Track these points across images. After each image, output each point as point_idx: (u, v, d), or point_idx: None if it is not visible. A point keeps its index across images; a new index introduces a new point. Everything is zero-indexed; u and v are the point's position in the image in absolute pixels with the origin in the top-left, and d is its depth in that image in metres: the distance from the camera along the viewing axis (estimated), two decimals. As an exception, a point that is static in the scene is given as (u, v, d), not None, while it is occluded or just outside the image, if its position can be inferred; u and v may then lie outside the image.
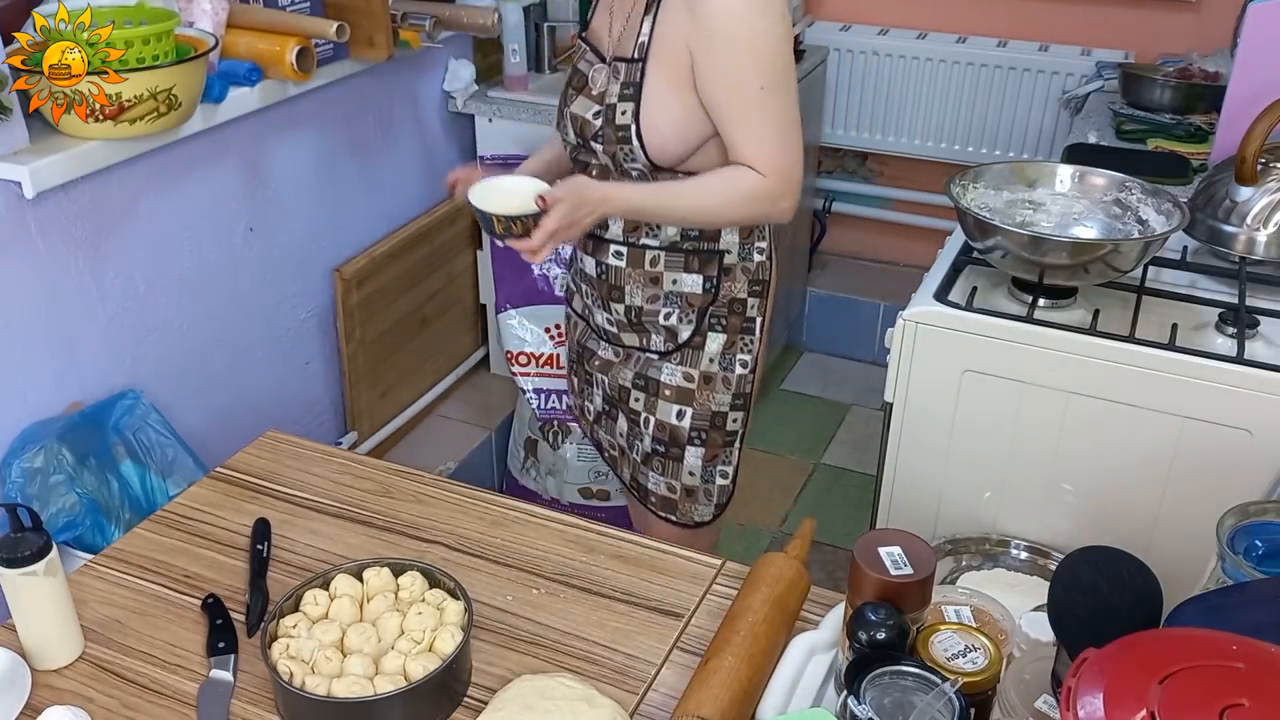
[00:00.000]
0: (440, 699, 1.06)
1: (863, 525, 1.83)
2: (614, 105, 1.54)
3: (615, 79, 1.55)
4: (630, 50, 1.54)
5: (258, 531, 1.30)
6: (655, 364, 1.72)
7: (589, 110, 1.58)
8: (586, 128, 1.58)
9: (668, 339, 1.70)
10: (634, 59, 1.53)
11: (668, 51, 1.50)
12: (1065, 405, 1.61)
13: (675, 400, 1.71)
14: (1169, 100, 2.48)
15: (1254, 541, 1.11)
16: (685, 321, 1.68)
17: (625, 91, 1.54)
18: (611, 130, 1.55)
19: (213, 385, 2.15)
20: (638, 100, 1.52)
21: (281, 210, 2.24)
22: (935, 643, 0.97)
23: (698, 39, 1.47)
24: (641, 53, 1.52)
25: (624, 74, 1.54)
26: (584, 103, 1.60)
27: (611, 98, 1.55)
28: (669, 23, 1.49)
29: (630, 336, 1.73)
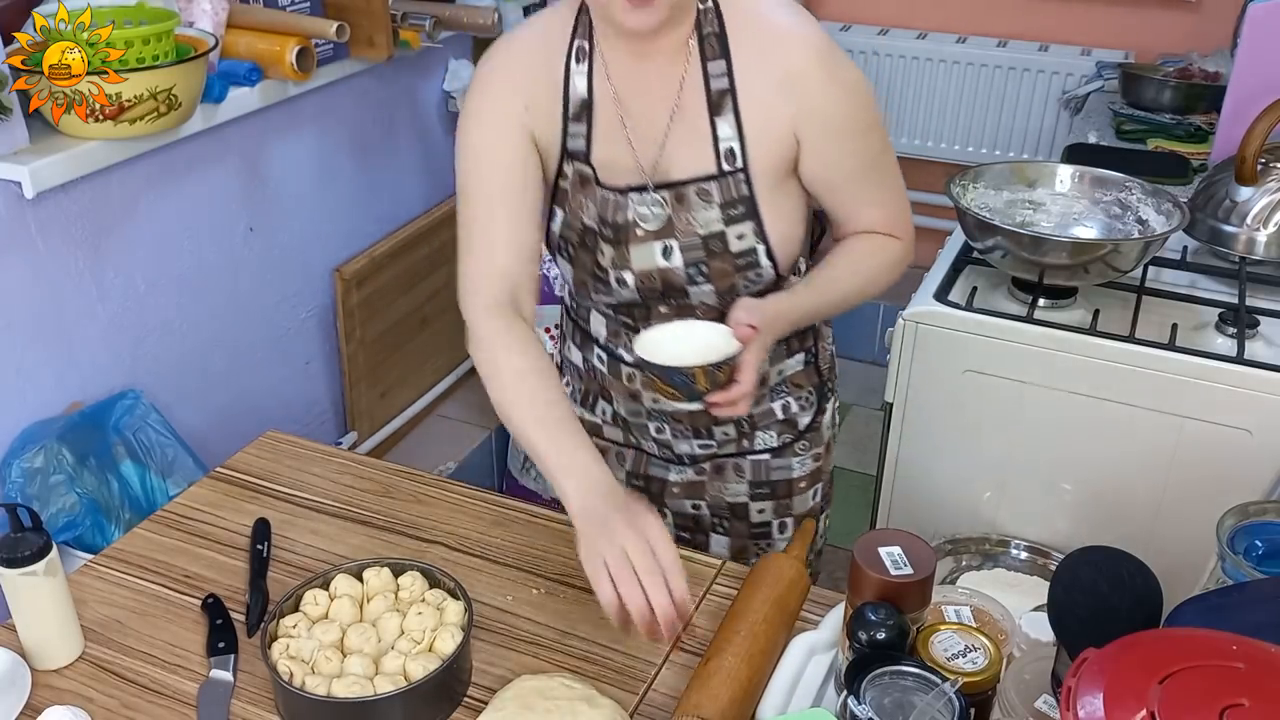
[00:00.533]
0: (440, 699, 1.06)
1: (863, 525, 1.83)
2: (720, 233, 1.26)
3: (706, 203, 1.25)
4: (710, 163, 1.25)
5: (258, 531, 1.30)
6: (774, 464, 1.47)
7: (663, 255, 1.28)
8: (672, 275, 1.28)
9: (784, 431, 1.46)
10: (728, 171, 1.24)
11: (768, 146, 1.24)
12: (1065, 405, 1.61)
13: (809, 485, 1.50)
14: (1169, 100, 2.48)
15: (1254, 541, 1.11)
16: (805, 407, 1.46)
17: (733, 212, 1.25)
18: (726, 262, 1.27)
19: (213, 385, 2.15)
20: (756, 215, 1.26)
21: (281, 210, 2.24)
22: (935, 643, 0.97)
23: (810, 120, 1.23)
24: (738, 159, 1.24)
25: (719, 193, 1.25)
26: (647, 250, 1.28)
27: (709, 225, 1.26)
28: (760, 113, 1.23)
29: (729, 446, 1.46)
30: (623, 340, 1.39)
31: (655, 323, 1.33)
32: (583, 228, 1.31)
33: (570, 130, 1.28)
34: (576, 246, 1.32)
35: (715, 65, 1.23)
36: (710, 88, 1.23)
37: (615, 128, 1.27)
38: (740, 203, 1.25)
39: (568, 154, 1.29)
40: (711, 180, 1.25)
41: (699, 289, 1.29)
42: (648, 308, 1.34)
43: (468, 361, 3.09)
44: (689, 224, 1.26)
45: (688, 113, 1.24)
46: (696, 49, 1.23)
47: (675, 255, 1.27)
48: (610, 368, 1.43)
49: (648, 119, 1.26)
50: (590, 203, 1.29)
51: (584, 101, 1.27)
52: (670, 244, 1.27)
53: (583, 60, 1.27)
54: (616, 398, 1.45)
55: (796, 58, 1.22)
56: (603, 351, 1.43)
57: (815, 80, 1.22)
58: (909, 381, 1.71)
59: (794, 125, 1.23)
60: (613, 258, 1.29)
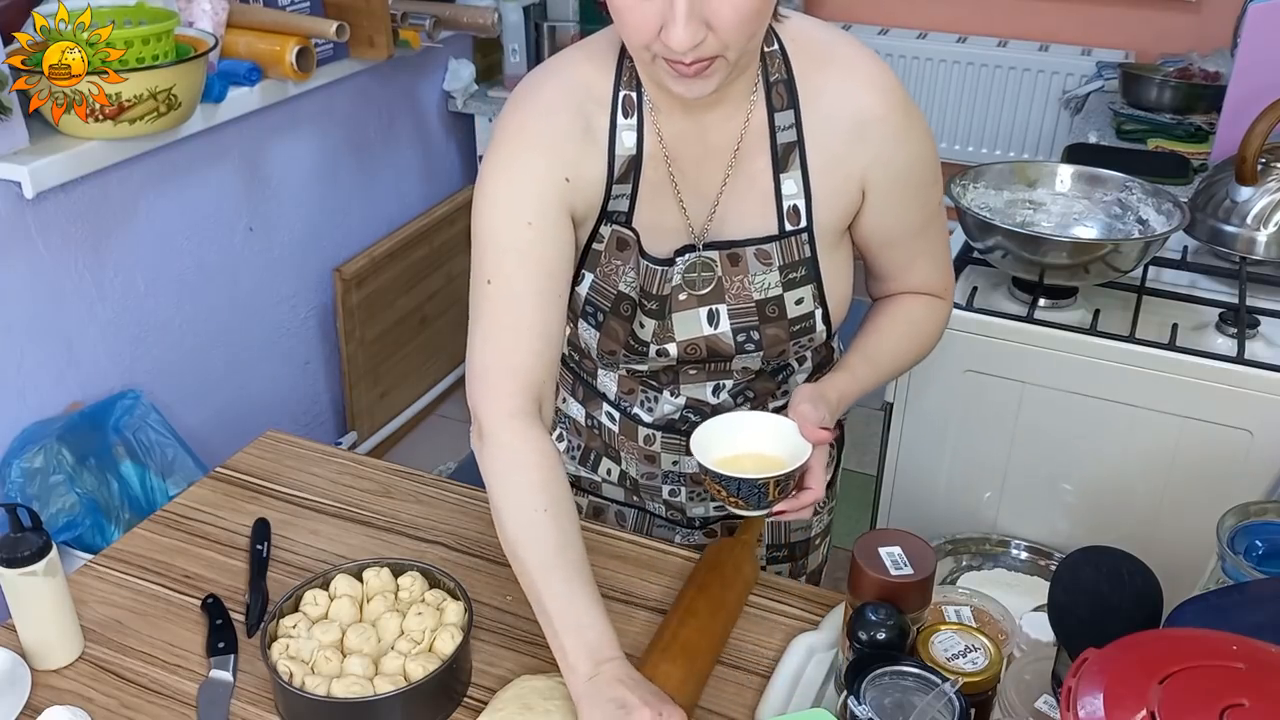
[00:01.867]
0: (440, 699, 1.06)
1: (863, 525, 1.83)
2: (778, 298, 1.16)
3: (765, 266, 1.14)
4: (771, 223, 1.14)
5: (258, 531, 1.29)
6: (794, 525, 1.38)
7: (709, 321, 1.17)
8: (718, 345, 1.17)
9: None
10: (789, 231, 1.14)
11: (834, 202, 1.14)
12: (1065, 405, 1.61)
13: (822, 540, 1.44)
14: (1169, 100, 2.48)
15: (1254, 541, 1.11)
16: (827, 466, 1.32)
17: (794, 275, 1.15)
18: (781, 328, 1.17)
19: (213, 385, 2.15)
20: (817, 277, 1.16)
21: (281, 210, 2.24)
22: (935, 643, 0.97)
23: (882, 170, 1.13)
24: (802, 219, 1.14)
25: (778, 255, 1.15)
26: (692, 318, 1.17)
27: (767, 290, 1.15)
28: (828, 167, 1.13)
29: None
30: (639, 399, 1.27)
31: (684, 385, 1.23)
32: (617, 295, 1.17)
33: (614, 191, 1.14)
34: (608, 314, 1.18)
35: (783, 117, 1.11)
36: (776, 141, 1.12)
37: (664, 186, 1.14)
38: (802, 265, 1.15)
39: (606, 215, 1.15)
40: (772, 241, 1.13)
41: (746, 357, 1.19)
42: (676, 373, 1.23)
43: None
44: (742, 288, 1.15)
45: (748, 167, 1.13)
46: (763, 99, 1.11)
47: (722, 322, 1.16)
48: (623, 428, 1.30)
49: (702, 174, 1.14)
50: (629, 270, 1.16)
51: (631, 159, 1.13)
52: (717, 309, 1.16)
53: (631, 114, 1.12)
54: (627, 459, 1.33)
55: (871, 101, 1.11)
56: (614, 409, 1.30)
57: (891, 127, 1.12)
58: (909, 381, 1.71)
59: (863, 176, 1.13)
60: (654, 330, 1.17)
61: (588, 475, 1.40)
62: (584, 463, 1.39)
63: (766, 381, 1.26)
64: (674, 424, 1.27)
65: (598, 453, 1.37)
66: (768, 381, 1.27)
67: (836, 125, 1.12)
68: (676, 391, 1.25)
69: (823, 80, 1.12)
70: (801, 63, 1.12)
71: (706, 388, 1.25)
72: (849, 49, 1.14)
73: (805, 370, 1.29)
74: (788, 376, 1.28)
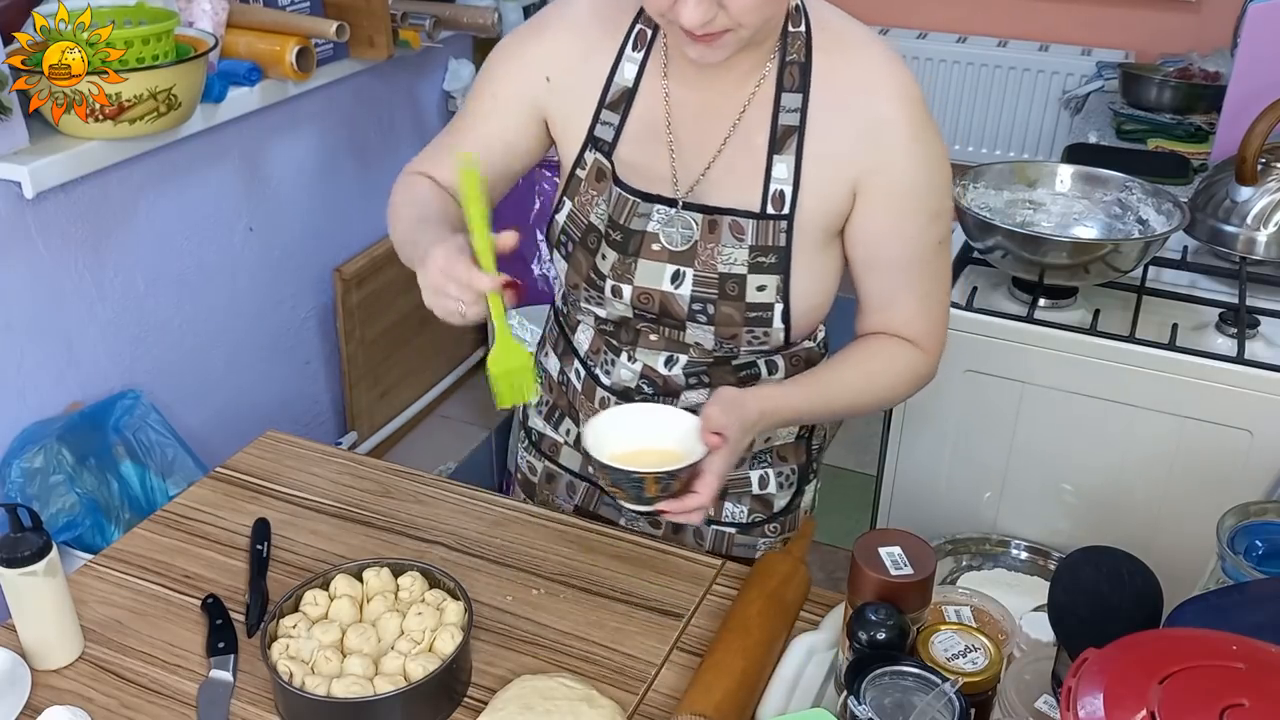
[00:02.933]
0: (440, 699, 1.06)
1: (863, 525, 1.83)
2: (741, 277, 1.13)
3: (738, 240, 1.13)
4: (755, 200, 1.13)
5: (258, 531, 1.29)
6: (739, 539, 1.35)
7: (672, 280, 1.16)
8: (672, 303, 1.16)
9: (756, 509, 1.34)
10: (771, 214, 1.12)
11: (823, 199, 1.12)
12: (1065, 405, 1.61)
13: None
14: (1169, 100, 2.48)
15: (1254, 541, 1.11)
16: (784, 486, 1.35)
17: (762, 260, 1.13)
18: (736, 309, 1.15)
19: (213, 385, 2.15)
20: (786, 270, 1.13)
21: (281, 210, 2.24)
22: (935, 643, 0.97)
23: (878, 177, 1.11)
24: (786, 205, 1.12)
25: (752, 234, 1.13)
26: (656, 269, 1.16)
27: (732, 265, 1.13)
28: (825, 161, 1.11)
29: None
30: (603, 360, 1.28)
31: (640, 350, 1.25)
32: (587, 226, 1.19)
33: (601, 116, 1.17)
34: (577, 245, 1.21)
35: (790, 98, 1.11)
36: (778, 121, 1.11)
37: (656, 130, 1.15)
38: (773, 252, 1.13)
39: (592, 140, 1.18)
40: (750, 218, 1.13)
41: (698, 329, 1.18)
42: (637, 332, 1.24)
43: (468, 361, 3.09)
44: (711, 256, 1.14)
45: (746, 140, 1.13)
46: (774, 75, 1.11)
47: (686, 284, 1.15)
48: (585, 387, 1.31)
49: (699, 132, 1.14)
50: (602, 201, 1.18)
51: (626, 91, 1.16)
52: (684, 271, 1.15)
53: (641, 47, 1.15)
54: (584, 420, 1.31)
55: (888, 107, 1.10)
56: (581, 367, 1.32)
57: (901, 135, 1.10)
58: (909, 381, 1.71)
59: (858, 179, 1.11)
60: (614, 264, 1.18)
61: (550, 435, 1.41)
62: (549, 419, 1.41)
63: (728, 375, 1.25)
64: (629, 392, 1.27)
65: (562, 411, 1.38)
66: (729, 375, 1.25)
67: (843, 119, 1.11)
68: (634, 356, 1.25)
69: (840, 72, 1.11)
70: (823, 50, 1.12)
71: (660, 357, 1.24)
72: (877, 49, 1.13)
73: (777, 378, 1.27)
74: (753, 379, 1.26)
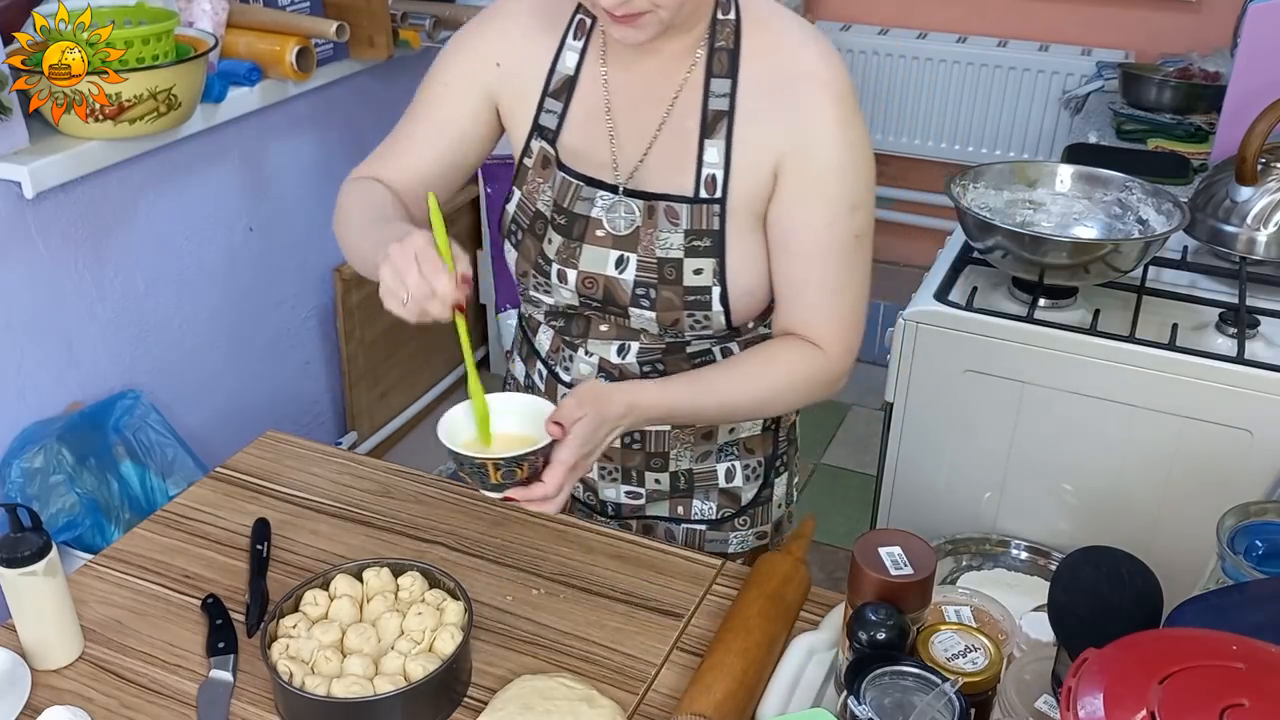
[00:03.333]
0: (440, 699, 1.06)
1: (863, 525, 1.83)
2: (678, 261, 1.15)
3: (673, 225, 1.15)
4: (689, 185, 1.15)
5: (258, 531, 1.29)
6: (710, 535, 1.35)
7: (616, 265, 1.18)
8: (616, 289, 1.18)
9: (724, 504, 1.36)
10: (704, 198, 1.14)
11: (752, 182, 1.14)
12: (1065, 405, 1.61)
13: (749, 562, 1.36)
14: (1169, 100, 2.48)
15: (1254, 541, 1.11)
16: (751, 479, 1.36)
17: (697, 243, 1.15)
18: (675, 293, 1.16)
19: (213, 385, 2.15)
20: (721, 254, 1.15)
21: (281, 210, 2.25)
22: (935, 643, 0.97)
23: (796, 159, 1.12)
24: (718, 189, 1.14)
25: (686, 219, 1.15)
26: (601, 255, 1.18)
27: (669, 249, 1.15)
28: (753, 145, 1.13)
29: (660, 507, 1.35)
30: (562, 358, 1.30)
31: (592, 341, 1.26)
32: (535, 213, 1.22)
33: (545, 105, 1.20)
34: (525, 231, 1.23)
35: (719, 84, 1.14)
36: (708, 106, 1.14)
37: (597, 117, 1.18)
38: (708, 235, 1.15)
39: (537, 129, 1.20)
40: (684, 203, 1.15)
41: (641, 313, 1.19)
42: (587, 321, 1.25)
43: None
44: (651, 242, 1.16)
45: (679, 125, 1.15)
46: (704, 61, 1.14)
47: (630, 269, 1.17)
48: (548, 387, 1.33)
49: (637, 118, 1.17)
50: (548, 187, 1.20)
51: (568, 79, 1.19)
52: (628, 256, 1.17)
53: (581, 36, 1.19)
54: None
55: (814, 92, 1.12)
56: (543, 366, 1.33)
57: (824, 120, 1.11)
58: (909, 381, 1.71)
59: (778, 160, 1.12)
60: (559, 249, 1.20)
61: None
62: None
63: (682, 362, 1.26)
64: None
65: None
66: (684, 363, 1.26)
67: (770, 103, 1.13)
68: (588, 349, 1.27)
69: (768, 58, 1.14)
70: (752, 36, 1.14)
71: (612, 347, 1.26)
72: (807, 37, 1.16)
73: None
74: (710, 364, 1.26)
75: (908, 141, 3.31)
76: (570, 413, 1.07)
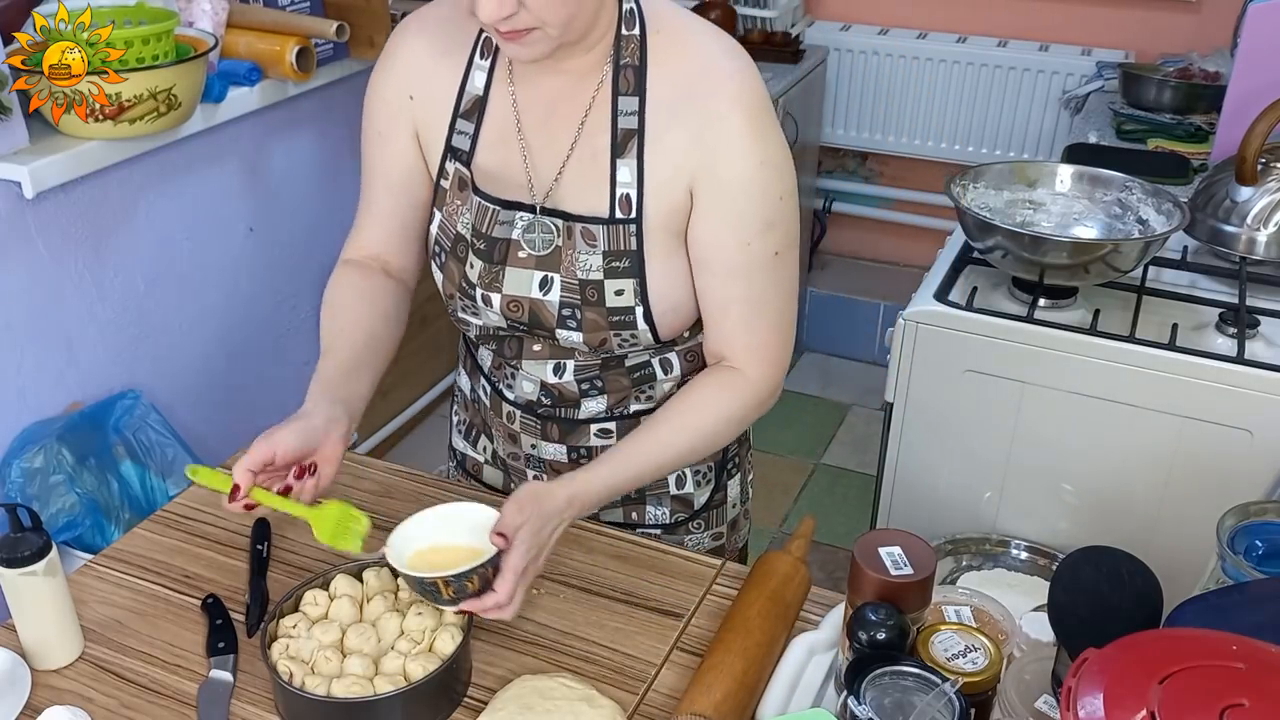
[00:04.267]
0: (440, 699, 1.06)
1: (863, 525, 1.83)
2: (599, 283, 1.13)
3: (591, 247, 1.13)
4: (604, 205, 1.13)
5: (258, 531, 1.29)
6: (665, 539, 1.33)
7: (540, 287, 1.15)
8: (542, 311, 1.17)
9: (677, 509, 1.34)
10: (619, 219, 1.12)
11: (667, 200, 1.12)
12: (1065, 405, 1.61)
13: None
14: (1169, 100, 2.48)
15: (1254, 541, 1.11)
16: (701, 483, 1.34)
17: (616, 264, 1.13)
18: (599, 314, 1.15)
19: (213, 385, 2.15)
20: (641, 274, 1.13)
21: (281, 210, 2.24)
22: (935, 643, 0.97)
23: (709, 176, 1.10)
24: (633, 209, 1.12)
25: (604, 240, 1.13)
26: (524, 277, 1.16)
27: (589, 271, 1.13)
28: (666, 162, 1.11)
29: (614, 514, 1.35)
30: (504, 375, 1.29)
31: (526, 361, 1.24)
32: (455, 236, 1.20)
33: (457, 126, 1.18)
34: (448, 254, 1.21)
35: (627, 102, 1.11)
36: (617, 125, 1.11)
37: (509, 137, 1.16)
38: (626, 256, 1.12)
39: (450, 150, 1.19)
40: (599, 224, 1.13)
41: (569, 334, 1.17)
42: (520, 341, 1.24)
43: (468, 361, 3.09)
44: (572, 263, 1.14)
45: (590, 144, 1.13)
46: (610, 79, 1.11)
47: (554, 290, 1.15)
48: (493, 403, 1.32)
49: (548, 137, 1.15)
50: (466, 210, 1.19)
51: (478, 99, 1.17)
52: (552, 277, 1.15)
53: (488, 55, 1.17)
54: (497, 436, 1.35)
55: (722, 105, 1.08)
56: (486, 383, 1.33)
57: (733, 133, 1.08)
58: (909, 381, 1.71)
59: (692, 177, 1.10)
60: (481, 273, 1.18)
61: (472, 454, 1.44)
62: (468, 438, 1.43)
63: (621, 377, 1.25)
64: (532, 405, 1.28)
65: (478, 429, 1.40)
66: (623, 378, 1.25)
67: (679, 119, 1.10)
68: (525, 369, 1.26)
69: (676, 72, 1.11)
70: (658, 50, 1.12)
71: (548, 366, 1.24)
72: (716, 47, 1.13)
73: (672, 378, 1.26)
74: (650, 379, 1.26)
75: (908, 141, 3.31)
76: (512, 520, 1.05)
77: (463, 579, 1.03)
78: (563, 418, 1.28)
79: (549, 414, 1.27)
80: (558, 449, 1.30)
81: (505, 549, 1.04)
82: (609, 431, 1.27)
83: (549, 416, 1.28)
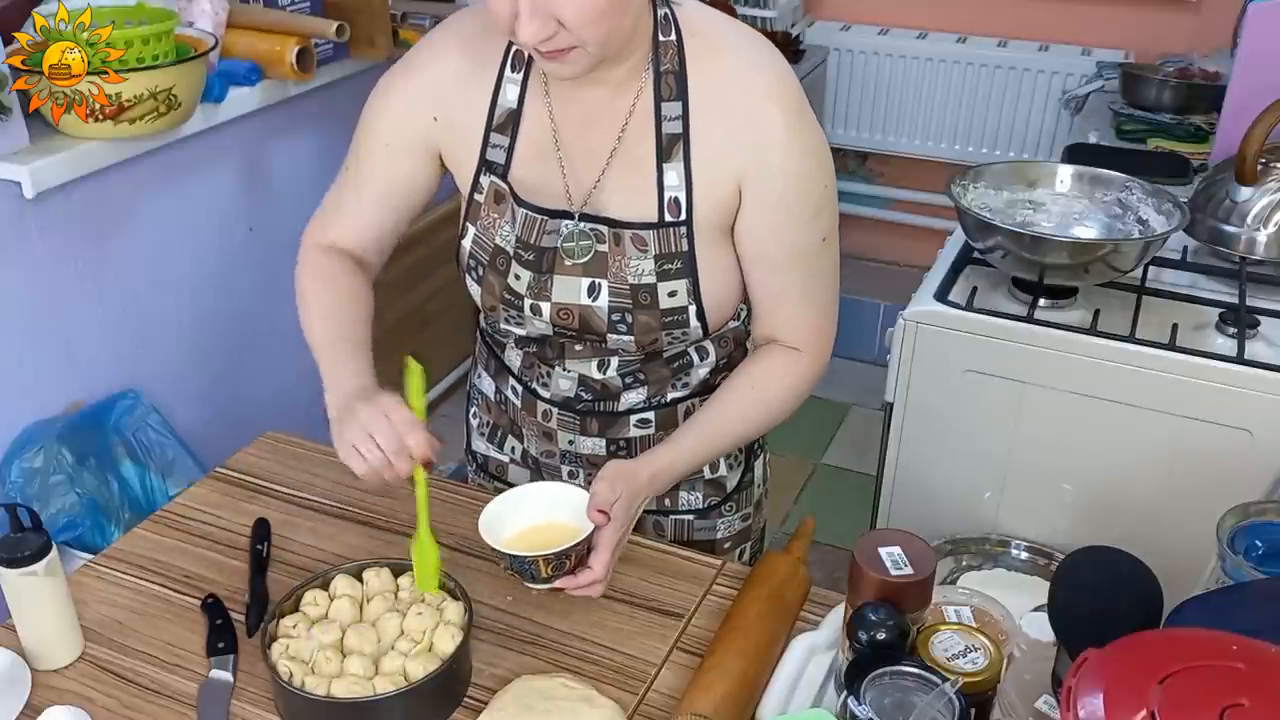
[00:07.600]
0: (440, 699, 1.06)
1: (863, 525, 1.83)
2: (651, 286, 1.15)
3: (641, 252, 1.14)
4: (651, 210, 1.14)
5: (257, 531, 1.29)
6: (698, 524, 1.37)
7: (589, 293, 1.17)
8: (592, 318, 1.18)
9: (711, 493, 1.37)
10: (669, 221, 1.14)
11: (715, 199, 1.14)
12: (1065, 405, 1.61)
13: (735, 545, 1.41)
14: (1169, 100, 2.48)
15: (1254, 541, 1.11)
16: (733, 466, 1.37)
17: (669, 267, 1.15)
18: (652, 317, 1.17)
19: (213, 385, 2.15)
20: (693, 273, 1.15)
21: (281, 210, 2.24)
22: (935, 643, 0.97)
23: (756, 172, 1.12)
24: (682, 211, 1.14)
25: (655, 244, 1.14)
26: (572, 284, 1.17)
27: (641, 276, 1.15)
28: (711, 162, 1.12)
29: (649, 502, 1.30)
30: (538, 374, 1.30)
31: (569, 361, 1.26)
32: (494, 249, 1.21)
33: (491, 140, 1.18)
34: (486, 268, 1.22)
35: (670, 107, 1.12)
36: (662, 131, 1.13)
37: (546, 148, 1.17)
38: (678, 258, 1.15)
39: (485, 164, 1.20)
40: (650, 229, 1.14)
41: (620, 338, 1.19)
42: (562, 345, 1.25)
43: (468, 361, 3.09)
44: (621, 268, 1.15)
45: (632, 152, 1.14)
46: (651, 86, 1.13)
47: (603, 296, 1.16)
48: (525, 403, 1.33)
49: (586, 147, 1.16)
50: (505, 222, 1.19)
51: (511, 113, 1.17)
52: (599, 283, 1.16)
53: (519, 68, 1.17)
54: (529, 435, 1.35)
55: (762, 103, 1.11)
56: (517, 384, 1.33)
57: (776, 130, 1.11)
58: (909, 381, 1.71)
59: (740, 174, 1.12)
60: (529, 283, 1.19)
61: (496, 456, 1.44)
62: (492, 440, 1.43)
63: (661, 368, 1.26)
64: (570, 401, 1.29)
65: (504, 430, 1.41)
66: (662, 368, 1.27)
67: (722, 120, 1.12)
68: (566, 367, 1.27)
69: (715, 74, 1.13)
70: (696, 55, 1.13)
71: (592, 364, 1.26)
72: (750, 47, 1.15)
73: (708, 364, 1.29)
74: (687, 367, 1.28)
75: (908, 141, 3.31)
76: (607, 497, 1.10)
77: (563, 557, 1.08)
78: (602, 411, 1.29)
79: (588, 408, 1.28)
80: (596, 442, 1.31)
81: (602, 525, 1.09)
82: (648, 421, 1.29)
83: (588, 411, 1.29)
